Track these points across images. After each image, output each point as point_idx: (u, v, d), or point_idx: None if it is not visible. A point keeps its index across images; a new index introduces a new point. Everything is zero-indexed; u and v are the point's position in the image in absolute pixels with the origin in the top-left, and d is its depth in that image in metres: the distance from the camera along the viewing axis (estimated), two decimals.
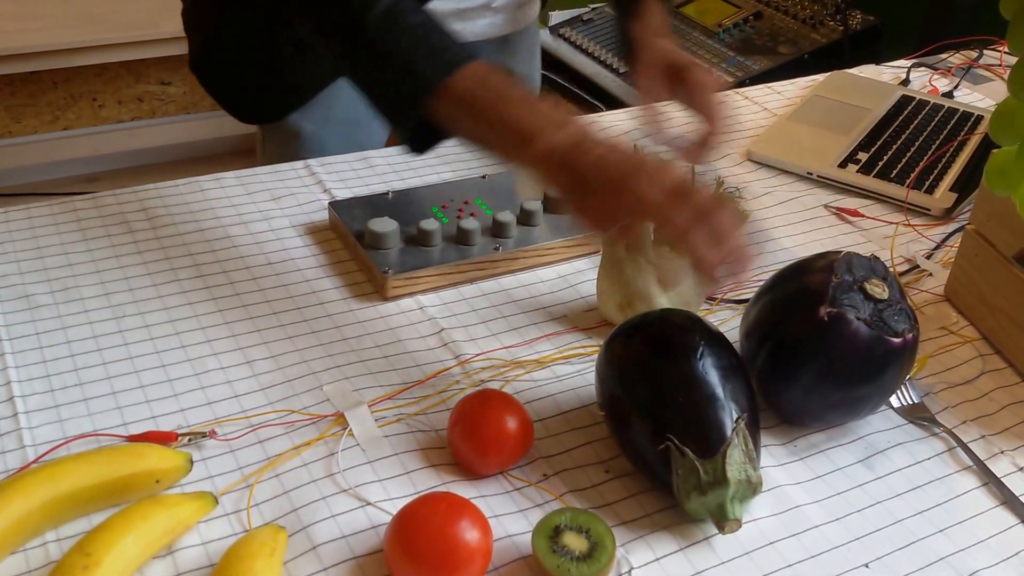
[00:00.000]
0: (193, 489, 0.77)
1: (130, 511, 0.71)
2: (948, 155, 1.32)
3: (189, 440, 0.81)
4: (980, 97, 1.55)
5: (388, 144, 1.34)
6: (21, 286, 0.98)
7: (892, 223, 1.19)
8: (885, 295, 0.83)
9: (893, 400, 0.91)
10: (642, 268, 0.94)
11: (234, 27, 1.26)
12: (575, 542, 0.72)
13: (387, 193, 1.13)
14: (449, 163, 1.24)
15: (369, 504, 0.78)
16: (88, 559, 0.66)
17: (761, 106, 1.48)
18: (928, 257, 1.13)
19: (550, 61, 2.19)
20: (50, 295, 0.97)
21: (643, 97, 1.15)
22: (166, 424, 0.84)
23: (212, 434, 0.82)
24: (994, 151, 0.87)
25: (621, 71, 2.05)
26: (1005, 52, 1.68)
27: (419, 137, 0.93)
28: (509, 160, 0.91)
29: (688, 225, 0.79)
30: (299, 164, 1.22)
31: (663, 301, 0.95)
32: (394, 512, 0.73)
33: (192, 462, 0.78)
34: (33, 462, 0.78)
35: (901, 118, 1.42)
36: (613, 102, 1.97)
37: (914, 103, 1.47)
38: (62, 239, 1.06)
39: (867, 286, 0.83)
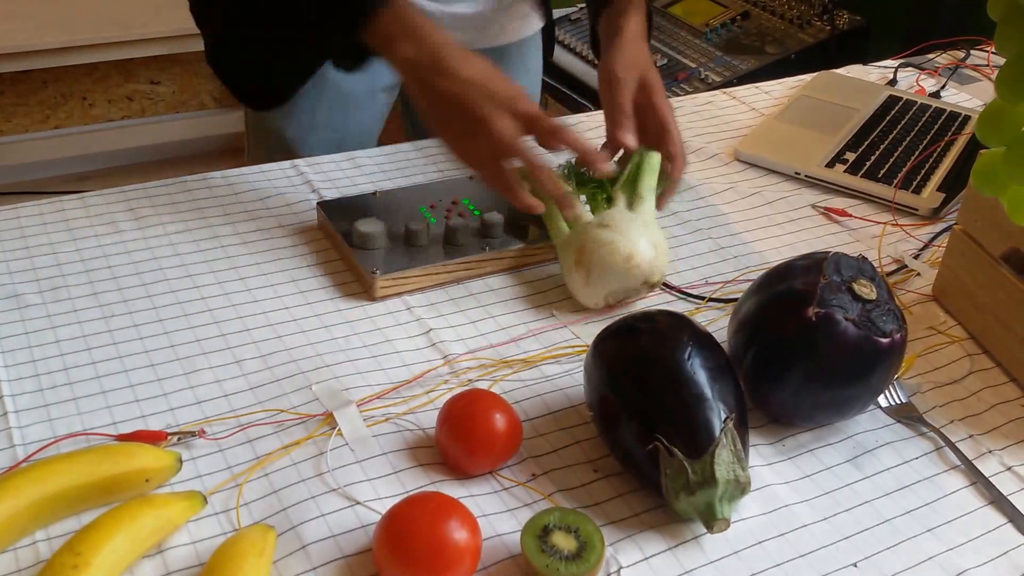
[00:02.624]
0: (182, 488, 0.77)
1: (119, 510, 0.71)
2: (935, 155, 1.32)
3: (178, 439, 0.81)
4: (967, 97, 1.55)
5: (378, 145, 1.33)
6: (10, 285, 0.98)
7: (880, 223, 1.20)
8: (873, 295, 0.83)
9: (881, 400, 0.91)
10: (590, 232, 0.99)
11: (237, 11, 1.24)
12: (564, 541, 0.72)
13: (375, 193, 1.13)
14: (437, 163, 1.24)
15: (358, 503, 0.78)
16: (78, 558, 0.66)
17: (748, 106, 1.48)
18: (916, 257, 1.14)
19: None
20: (39, 295, 0.97)
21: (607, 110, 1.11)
22: (155, 423, 0.84)
23: (201, 433, 0.82)
24: (981, 152, 0.87)
25: None
26: (992, 52, 1.69)
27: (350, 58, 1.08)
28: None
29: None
30: (286, 164, 1.22)
31: (631, 248, 0.98)
32: (383, 511, 0.73)
33: (181, 461, 0.78)
34: (23, 461, 0.78)
35: (888, 118, 1.42)
36: None
37: (901, 103, 1.47)
38: (51, 239, 1.05)
39: (855, 286, 0.84)
